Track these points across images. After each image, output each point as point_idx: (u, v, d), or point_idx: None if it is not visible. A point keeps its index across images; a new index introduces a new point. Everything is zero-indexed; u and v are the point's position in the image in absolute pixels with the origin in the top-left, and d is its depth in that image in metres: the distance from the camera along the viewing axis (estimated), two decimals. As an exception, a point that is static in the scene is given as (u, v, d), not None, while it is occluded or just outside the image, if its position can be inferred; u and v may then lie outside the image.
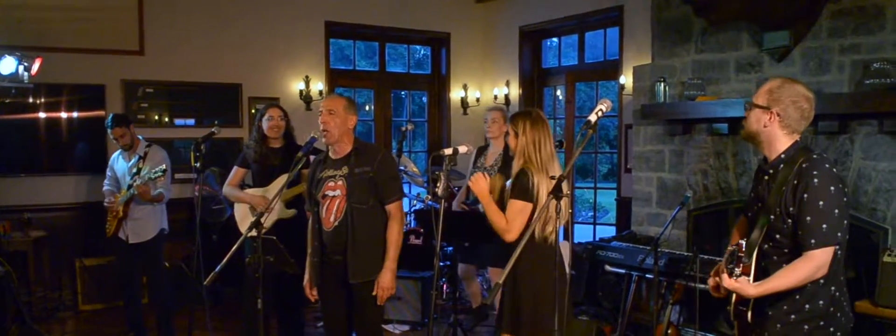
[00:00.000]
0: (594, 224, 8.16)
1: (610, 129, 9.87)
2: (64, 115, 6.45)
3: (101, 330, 5.75)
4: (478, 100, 8.50)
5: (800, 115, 2.67)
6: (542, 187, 3.37)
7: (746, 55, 5.43)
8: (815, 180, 2.55)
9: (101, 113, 6.47)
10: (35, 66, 5.47)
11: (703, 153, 5.75)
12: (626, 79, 6.72)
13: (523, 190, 3.36)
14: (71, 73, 6.38)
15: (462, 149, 3.77)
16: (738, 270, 2.57)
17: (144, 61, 6.71)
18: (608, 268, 5.39)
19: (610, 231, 7.29)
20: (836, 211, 2.55)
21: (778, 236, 2.67)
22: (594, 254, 5.58)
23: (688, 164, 5.87)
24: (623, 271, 5.23)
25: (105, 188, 5.43)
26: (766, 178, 2.76)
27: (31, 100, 6.26)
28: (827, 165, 2.60)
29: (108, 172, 5.43)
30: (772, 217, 2.66)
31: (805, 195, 2.56)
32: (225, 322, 5.71)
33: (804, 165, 2.60)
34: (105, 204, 5.25)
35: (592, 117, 2.90)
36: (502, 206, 3.47)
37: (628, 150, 6.78)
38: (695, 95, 5.58)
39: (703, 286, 4.49)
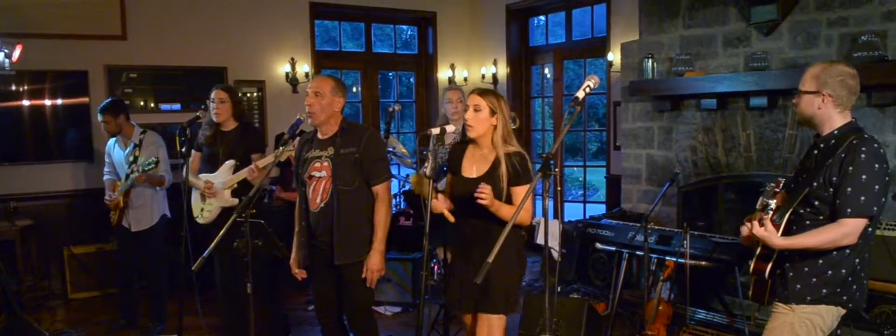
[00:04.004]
0: (584, 202, 8.16)
1: (599, 107, 9.84)
2: (48, 102, 6.37)
3: (92, 318, 5.72)
4: (466, 79, 8.45)
5: (848, 92, 2.83)
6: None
7: (734, 30, 5.40)
8: (863, 156, 2.72)
9: (86, 99, 6.40)
10: (16, 53, 5.41)
11: (692, 129, 5.74)
12: (614, 56, 6.69)
13: (527, 172, 3.30)
14: (53, 59, 6.29)
15: (450, 128, 3.74)
16: (772, 203, 2.75)
17: (127, 46, 6.62)
18: (599, 245, 5.39)
19: (600, 209, 7.30)
20: (877, 187, 2.71)
21: (817, 203, 2.82)
22: (584, 232, 5.58)
23: (677, 140, 5.86)
24: (613, 249, 5.23)
25: (106, 178, 5.39)
26: (816, 152, 2.90)
27: (13, 87, 6.18)
28: (876, 145, 2.76)
29: (107, 159, 5.38)
30: (815, 184, 2.81)
31: (850, 168, 2.72)
32: (214, 307, 5.69)
33: (854, 142, 2.76)
34: (106, 200, 5.22)
35: (580, 94, 2.88)
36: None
37: (617, 127, 6.77)
38: (683, 71, 5.56)
39: (693, 262, 4.53)
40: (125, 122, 5.19)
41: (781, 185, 2.84)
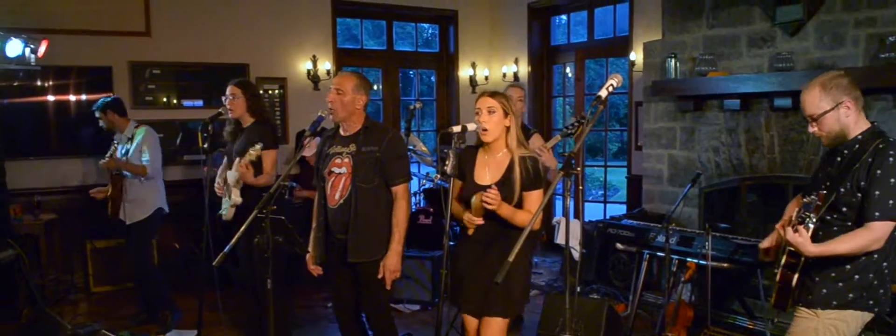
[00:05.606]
0: (605, 202, 8.12)
1: (620, 107, 9.79)
2: (72, 97, 6.43)
3: (114, 311, 5.76)
4: (487, 78, 8.43)
5: (858, 91, 2.78)
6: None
7: (759, 30, 5.35)
8: (891, 159, 2.68)
9: (110, 95, 6.43)
10: (41, 49, 5.44)
11: (715, 130, 5.69)
12: (637, 55, 6.64)
13: (539, 178, 3.29)
14: (78, 55, 6.35)
15: (471, 126, 3.72)
16: (814, 217, 2.69)
17: (151, 42, 6.67)
18: (619, 246, 5.36)
19: (621, 209, 7.26)
20: None
21: (845, 209, 2.77)
22: (605, 232, 5.55)
23: (699, 140, 5.81)
24: (634, 249, 5.20)
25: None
26: (840, 158, 2.84)
27: (39, 83, 6.24)
28: None
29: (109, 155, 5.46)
30: (842, 190, 2.76)
31: (878, 171, 2.68)
32: (235, 303, 5.71)
33: (881, 146, 2.73)
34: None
35: (603, 92, 2.86)
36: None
37: (639, 127, 6.72)
38: (706, 71, 5.52)
39: (715, 264, 4.49)
40: (117, 119, 5.27)
41: (824, 198, 2.76)
